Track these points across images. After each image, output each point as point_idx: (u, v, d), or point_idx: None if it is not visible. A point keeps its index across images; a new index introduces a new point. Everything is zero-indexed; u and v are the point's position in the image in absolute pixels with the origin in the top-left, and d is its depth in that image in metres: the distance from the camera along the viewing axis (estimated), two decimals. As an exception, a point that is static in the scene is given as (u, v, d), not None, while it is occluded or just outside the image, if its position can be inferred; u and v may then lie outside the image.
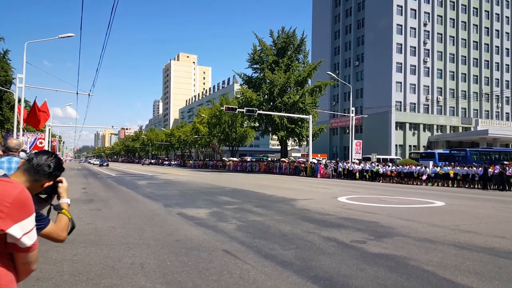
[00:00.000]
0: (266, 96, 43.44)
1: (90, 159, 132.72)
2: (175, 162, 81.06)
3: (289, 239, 6.57)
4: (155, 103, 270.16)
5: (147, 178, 27.54)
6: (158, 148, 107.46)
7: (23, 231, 1.45)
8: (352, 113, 38.61)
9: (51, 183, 1.85)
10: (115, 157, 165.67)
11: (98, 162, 79.06)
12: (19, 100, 25.00)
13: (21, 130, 26.60)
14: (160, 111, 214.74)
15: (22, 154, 6.66)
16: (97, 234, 6.92)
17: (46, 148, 38.25)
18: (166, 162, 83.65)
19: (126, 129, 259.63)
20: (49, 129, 45.41)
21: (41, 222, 1.66)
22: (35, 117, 23.06)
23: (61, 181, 1.96)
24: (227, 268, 4.72)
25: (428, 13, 59.45)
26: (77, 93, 26.22)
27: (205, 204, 11.67)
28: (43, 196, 1.93)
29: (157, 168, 55.59)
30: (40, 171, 1.77)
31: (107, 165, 65.99)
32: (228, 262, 5.00)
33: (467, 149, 38.48)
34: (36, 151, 2.03)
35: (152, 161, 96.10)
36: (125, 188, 18.21)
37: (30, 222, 1.49)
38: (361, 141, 40.77)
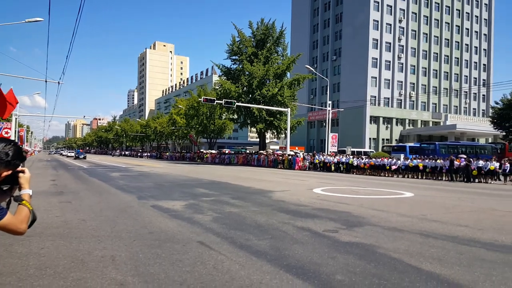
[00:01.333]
0: (245, 88, 43.28)
1: (62, 150, 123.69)
2: (147, 154, 79.67)
3: (264, 229, 6.66)
4: (129, 92, 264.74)
5: (120, 170, 27.08)
6: (133, 140, 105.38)
7: None
8: (329, 106, 39.08)
9: (9, 172, 1.76)
10: (87, 148, 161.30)
11: (72, 154, 67.16)
12: (-16, 88, 23.90)
13: (-15, 119, 25.52)
14: (135, 101, 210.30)
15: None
16: (67, 227, 6.74)
17: (12, 138, 36.90)
18: (144, 154, 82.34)
19: (99, 119, 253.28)
20: (16, 118, 43.65)
21: None
22: (0, 105, 22.05)
23: (22, 171, 1.86)
24: (201, 259, 4.74)
25: (404, 10, 60.60)
26: (45, 81, 25.27)
27: (181, 196, 11.61)
28: (4, 187, 1.85)
29: (131, 160, 54.68)
30: None
31: (85, 157, 54.38)
32: (203, 253, 5.02)
33: (436, 142, 39.80)
34: None
35: (127, 152, 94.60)
36: (97, 180, 17.80)
37: None
38: (337, 134, 41.39)
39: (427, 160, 24.74)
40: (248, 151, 54.91)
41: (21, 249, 5.13)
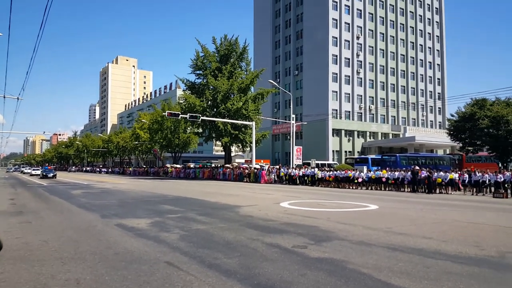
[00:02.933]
0: (209, 102, 43.20)
1: (23, 167, 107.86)
2: (105, 170, 77.20)
3: (233, 247, 6.59)
4: (91, 107, 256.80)
5: (82, 187, 26.05)
6: (94, 155, 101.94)
7: None
8: (293, 120, 39.70)
9: None
10: (46, 164, 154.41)
11: (37, 172, 55.54)
12: None
13: None
14: (97, 116, 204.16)
15: None
16: (28, 249, 6.47)
17: None
18: (103, 170, 79.69)
19: (59, 134, 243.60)
20: (-30, 135, 41.18)
21: None
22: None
23: None
24: (170, 280, 4.62)
25: (361, 27, 63.24)
26: (4, 97, 24.12)
27: (146, 213, 11.31)
28: None
29: (93, 176, 52.72)
30: None
31: (55, 176, 44.27)
32: (171, 274, 4.89)
33: (397, 154, 41.19)
34: None
35: (88, 168, 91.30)
36: (58, 198, 17.11)
37: None
38: (301, 147, 42.03)
39: (389, 172, 25.46)
40: (213, 165, 54.49)
41: None
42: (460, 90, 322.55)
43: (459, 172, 23.72)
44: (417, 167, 24.54)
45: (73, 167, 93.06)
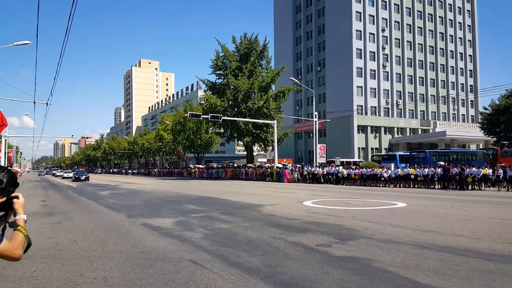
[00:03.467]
0: (230, 102, 43.40)
1: (55, 169, 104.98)
2: (131, 171, 78.86)
3: (256, 245, 6.57)
4: (116, 110, 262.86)
5: (109, 188, 26.71)
6: (120, 157, 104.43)
7: None
8: (315, 117, 39.34)
9: (4, 199, 1.79)
10: (75, 167, 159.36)
11: (69, 175, 52.71)
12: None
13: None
14: (122, 119, 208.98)
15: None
16: (58, 248, 6.68)
17: (2, 159, 36.29)
18: (129, 171, 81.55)
19: (87, 138, 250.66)
20: (5, 139, 43.01)
21: None
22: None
23: (16, 197, 1.89)
24: (194, 278, 4.65)
25: (386, 19, 61.77)
26: (34, 102, 24.97)
27: (171, 213, 11.47)
28: None
29: (119, 178, 54.00)
30: None
31: (87, 179, 41.56)
32: (195, 272, 4.92)
33: (427, 150, 39.98)
34: None
35: (115, 170, 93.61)
36: (86, 199, 17.63)
37: None
38: (324, 145, 41.55)
39: (418, 169, 24.73)
40: (236, 165, 54.71)
41: (14, 273, 5.07)
42: (493, 81, 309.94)
43: (494, 168, 22.75)
44: (443, 163, 23.78)
45: (99, 169, 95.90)
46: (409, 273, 4.77)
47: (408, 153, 41.33)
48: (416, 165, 27.20)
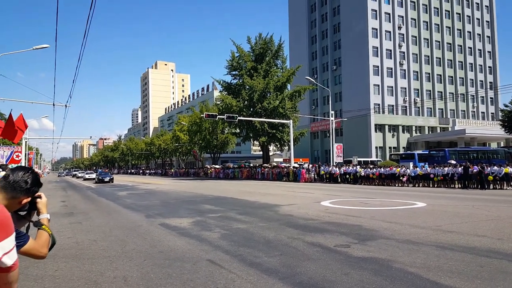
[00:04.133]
0: (246, 102, 43.47)
1: (75, 170, 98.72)
2: (149, 171, 79.80)
3: (273, 246, 6.54)
4: (133, 111, 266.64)
5: (127, 188, 27.07)
6: (138, 158, 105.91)
7: (3, 251, 1.43)
8: (332, 116, 39.03)
9: (29, 199, 1.82)
10: (94, 168, 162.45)
11: (92, 176, 49.03)
12: (-6, 114, 24.32)
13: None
14: (139, 120, 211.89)
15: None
16: (78, 248, 6.80)
17: (23, 161, 37.19)
18: (147, 172, 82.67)
19: (105, 139, 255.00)
20: (26, 141, 44.14)
21: (20, 240, 1.64)
22: (11, 131, 22.34)
23: (39, 197, 1.93)
24: (212, 278, 4.66)
25: (402, 16, 60.88)
26: (53, 105, 25.50)
27: (188, 213, 11.55)
28: (22, 213, 1.90)
29: (137, 178, 54.75)
30: (17, 187, 1.74)
31: (111, 180, 38.03)
32: (213, 272, 4.94)
33: (446, 149, 39.12)
34: (13, 165, 2.00)
35: (132, 170, 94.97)
36: (105, 199, 17.89)
37: (10, 242, 1.48)
38: (341, 144, 41.18)
39: (438, 168, 24.25)
40: (251, 165, 54.78)
41: (36, 272, 5.19)
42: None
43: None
44: (453, 162, 23.20)
45: (115, 170, 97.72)
46: (430, 274, 4.67)
47: (427, 152, 40.59)
48: (435, 164, 26.66)
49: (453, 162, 23.23)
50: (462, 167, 22.54)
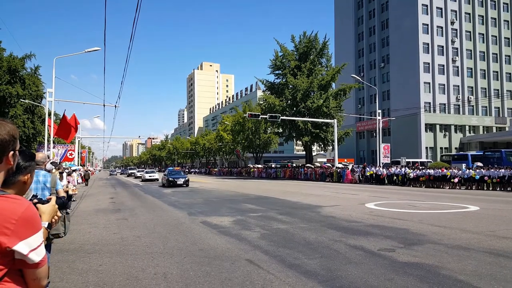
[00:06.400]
0: (289, 101, 43.29)
1: (131, 168, 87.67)
2: (194, 170, 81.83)
3: (314, 247, 6.41)
4: (180, 112, 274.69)
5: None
6: (183, 157, 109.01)
7: (30, 247, 1.42)
8: (379, 115, 37.82)
9: (26, 177, 1.69)
10: (143, 166, 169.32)
11: (156, 177, 38.92)
12: (49, 114, 25.90)
13: (51, 142, 27.52)
14: (185, 120, 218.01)
15: (48, 166, 6.83)
16: (123, 243, 7.05)
17: (76, 159, 39.45)
18: (192, 170, 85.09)
19: (153, 138, 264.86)
20: (79, 140, 46.85)
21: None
22: (65, 130, 23.87)
23: (42, 202, 1.78)
24: (250, 278, 4.64)
25: (455, 11, 57.78)
26: (104, 105, 26.89)
27: (229, 212, 11.66)
28: None
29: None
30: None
31: (186, 183, 27.44)
32: (251, 272, 4.91)
33: (502, 150, 36.73)
34: (67, 163, 1.94)
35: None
36: (151, 197, 18.53)
37: (37, 238, 1.45)
38: (389, 144, 39.78)
39: (493, 170, 22.72)
40: (294, 165, 54.41)
41: (81, 266, 5.44)
42: None
43: None
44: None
45: (156, 168, 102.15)
46: (482, 283, 4.34)
47: (481, 153, 38.27)
48: (490, 166, 25.01)
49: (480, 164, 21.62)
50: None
